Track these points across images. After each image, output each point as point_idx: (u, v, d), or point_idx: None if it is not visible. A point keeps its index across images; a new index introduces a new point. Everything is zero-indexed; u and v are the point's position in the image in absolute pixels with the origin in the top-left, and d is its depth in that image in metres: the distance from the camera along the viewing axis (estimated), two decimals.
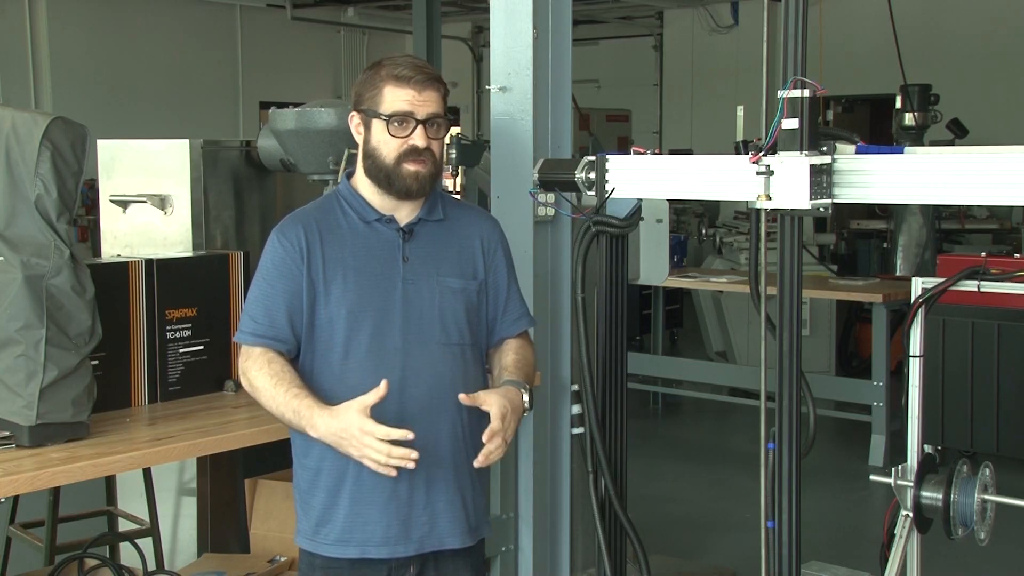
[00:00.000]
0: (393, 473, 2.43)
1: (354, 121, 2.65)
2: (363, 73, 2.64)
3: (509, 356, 2.71)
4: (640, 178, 3.04)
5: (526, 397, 2.58)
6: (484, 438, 2.46)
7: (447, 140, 2.81)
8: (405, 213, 2.65)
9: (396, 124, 2.56)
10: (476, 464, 2.50)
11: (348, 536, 2.59)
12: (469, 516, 2.66)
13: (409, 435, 2.40)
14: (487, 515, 2.77)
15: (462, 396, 2.50)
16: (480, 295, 2.70)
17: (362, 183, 2.66)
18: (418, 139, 2.57)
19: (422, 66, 2.60)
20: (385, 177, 2.59)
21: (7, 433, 2.80)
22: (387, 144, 2.58)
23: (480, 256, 2.71)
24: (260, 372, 2.55)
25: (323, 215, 2.65)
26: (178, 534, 4.23)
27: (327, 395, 2.55)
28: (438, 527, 2.62)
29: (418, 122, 2.56)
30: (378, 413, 2.54)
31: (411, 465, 2.40)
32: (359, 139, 2.64)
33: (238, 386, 3.42)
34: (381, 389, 2.41)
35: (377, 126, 2.58)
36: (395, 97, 2.56)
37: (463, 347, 2.65)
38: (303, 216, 2.65)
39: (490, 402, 2.50)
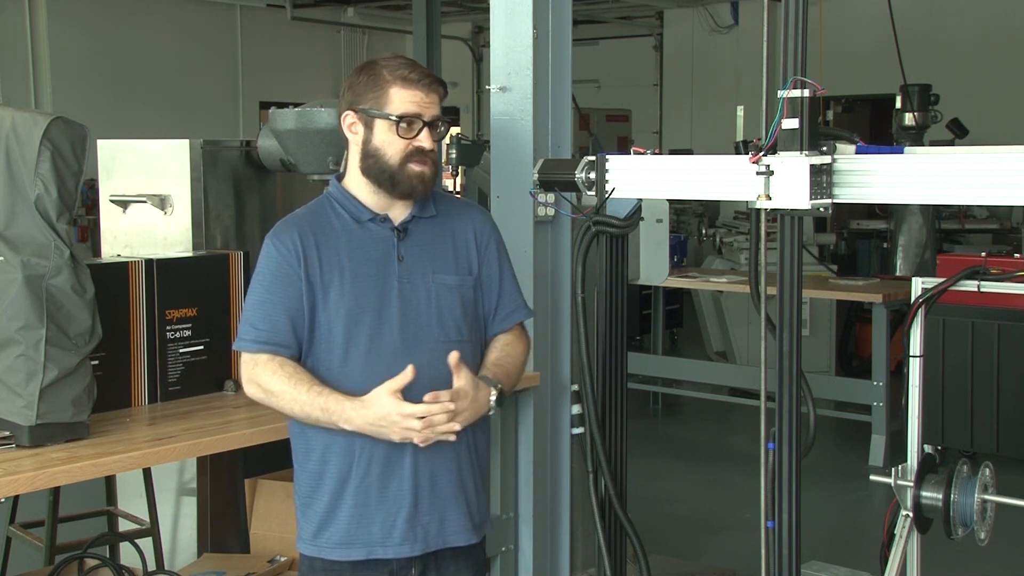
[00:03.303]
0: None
1: (348, 120, 2.63)
2: (359, 73, 2.63)
3: (492, 353, 2.71)
4: (640, 178, 3.04)
5: (493, 396, 2.59)
6: (426, 397, 2.47)
7: (447, 140, 2.82)
8: (398, 211, 2.65)
9: (404, 125, 2.56)
10: (418, 442, 2.50)
11: (352, 538, 2.58)
12: (473, 514, 2.67)
13: (449, 405, 2.46)
14: (488, 512, 2.77)
15: (454, 354, 2.51)
16: (476, 290, 2.70)
17: (355, 183, 2.65)
18: (424, 140, 2.58)
19: (425, 70, 2.63)
20: (389, 178, 2.59)
21: (7, 433, 2.80)
22: (392, 145, 2.57)
23: (474, 249, 2.71)
24: (274, 376, 2.54)
25: (316, 218, 2.64)
26: (178, 534, 4.23)
27: None
28: (445, 525, 2.62)
29: (425, 124, 2.58)
30: None
31: (452, 438, 2.50)
32: (354, 138, 2.64)
33: (238, 386, 3.42)
34: (408, 373, 2.46)
35: (382, 126, 2.58)
36: (403, 98, 2.56)
37: (462, 344, 2.64)
38: (296, 220, 2.65)
39: (461, 379, 2.51)
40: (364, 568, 2.60)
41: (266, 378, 2.55)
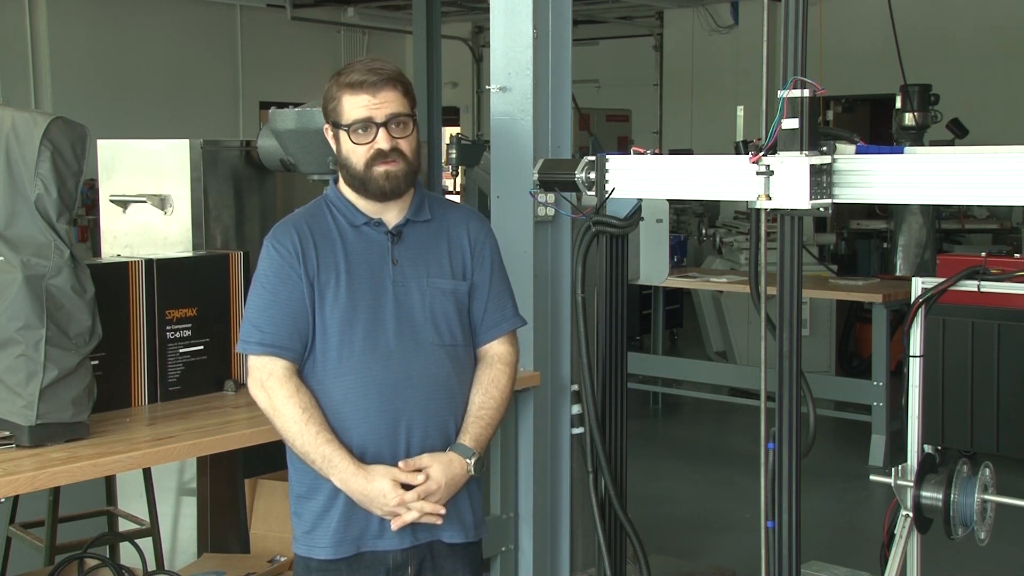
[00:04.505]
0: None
1: (328, 134, 2.67)
2: (327, 87, 2.65)
3: (475, 397, 2.68)
4: (640, 178, 3.04)
5: (471, 462, 2.60)
6: (410, 496, 2.53)
7: (447, 140, 2.82)
8: (392, 215, 2.65)
9: (359, 132, 2.57)
10: (393, 527, 2.55)
11: (342, 536, 2.59)
12: (463, 513, 2.67)
13: (440, 508, 2.55)
14: (484, 515, 2.77)
15: (400, 463, 2.55)
16: (470, 295, 2.70)
17: (348, 188, 2.67)
18: (382, 142, 2.57)
19: (376, 67, 2.59)
20: (360, 184, 2.61)
21: (7, 433, 2.80)
22: (355, 152, 2.59)
23: (469, 254, 2.71)
24: (288, 400, 2.54)
25: (314, 220, 2.66)
26: (178, 534, 4.23)
27: (321, 398, 2.57)
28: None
29: (378, 125, 2.57)
30: (374, 415, 2.56)
31: (439, 521, 2.57)
32: (335, 149, 2.66)
33: (238, 386, 3.42)
34: (418, 479, 2.53)
35: (344, 136, 2.60)
36: (352, 105, 2.57)
37: (456, 348, 2.66)
38: (295, 221, 2.66)
39: (431, 472, 2.55)
40: (360, 565, 2.60)
41: (280, 398, 2.55)
